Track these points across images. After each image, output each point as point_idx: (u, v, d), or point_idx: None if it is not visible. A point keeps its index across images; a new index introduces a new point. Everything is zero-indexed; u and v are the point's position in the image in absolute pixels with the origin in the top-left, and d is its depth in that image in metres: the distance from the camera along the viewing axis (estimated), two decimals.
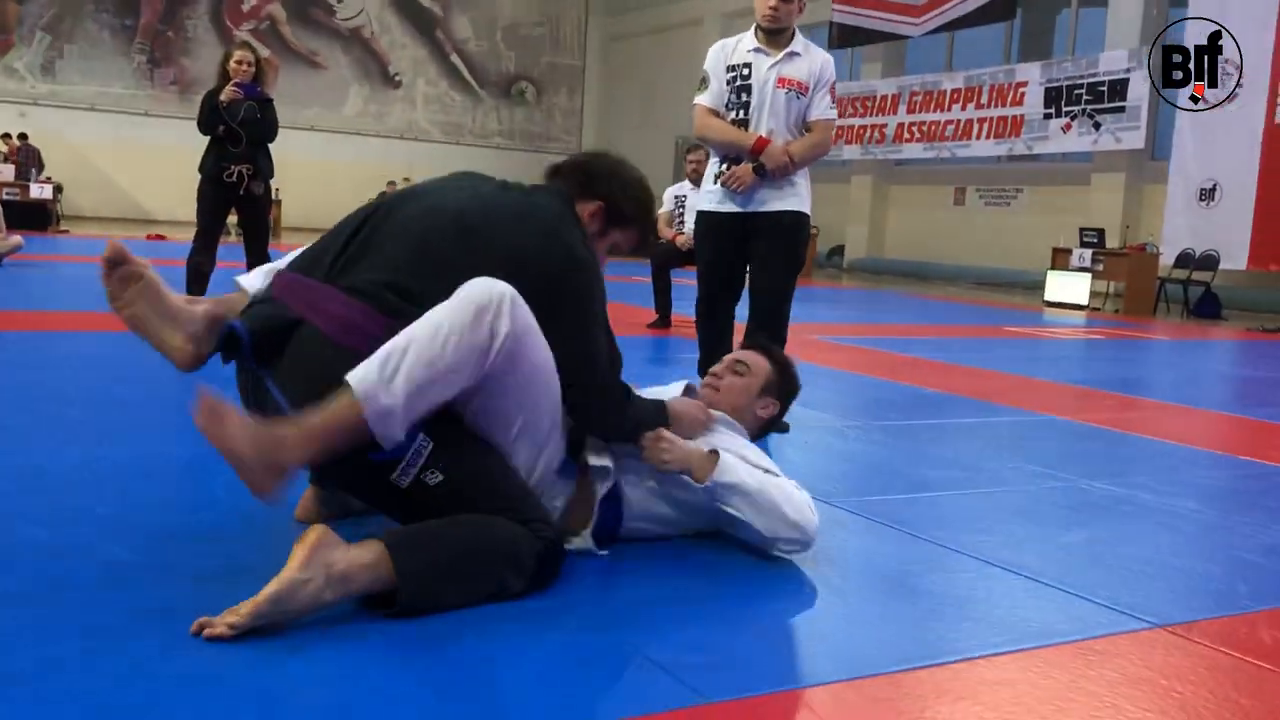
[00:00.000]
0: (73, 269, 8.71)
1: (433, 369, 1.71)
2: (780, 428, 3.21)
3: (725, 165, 3.72)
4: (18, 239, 8.40)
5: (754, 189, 3.66)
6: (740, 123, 3.69)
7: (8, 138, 15.83)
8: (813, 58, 3.73)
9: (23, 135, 15.90)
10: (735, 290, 3.87)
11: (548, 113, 23.52)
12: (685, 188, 7.57)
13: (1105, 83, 13.84)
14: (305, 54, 20.92)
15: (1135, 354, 7.89)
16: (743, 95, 3.68)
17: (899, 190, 17.79)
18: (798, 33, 3.77)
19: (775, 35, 3.70)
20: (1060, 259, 12.64)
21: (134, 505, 2.22)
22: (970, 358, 6.28)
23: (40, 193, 14.46)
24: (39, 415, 3.11)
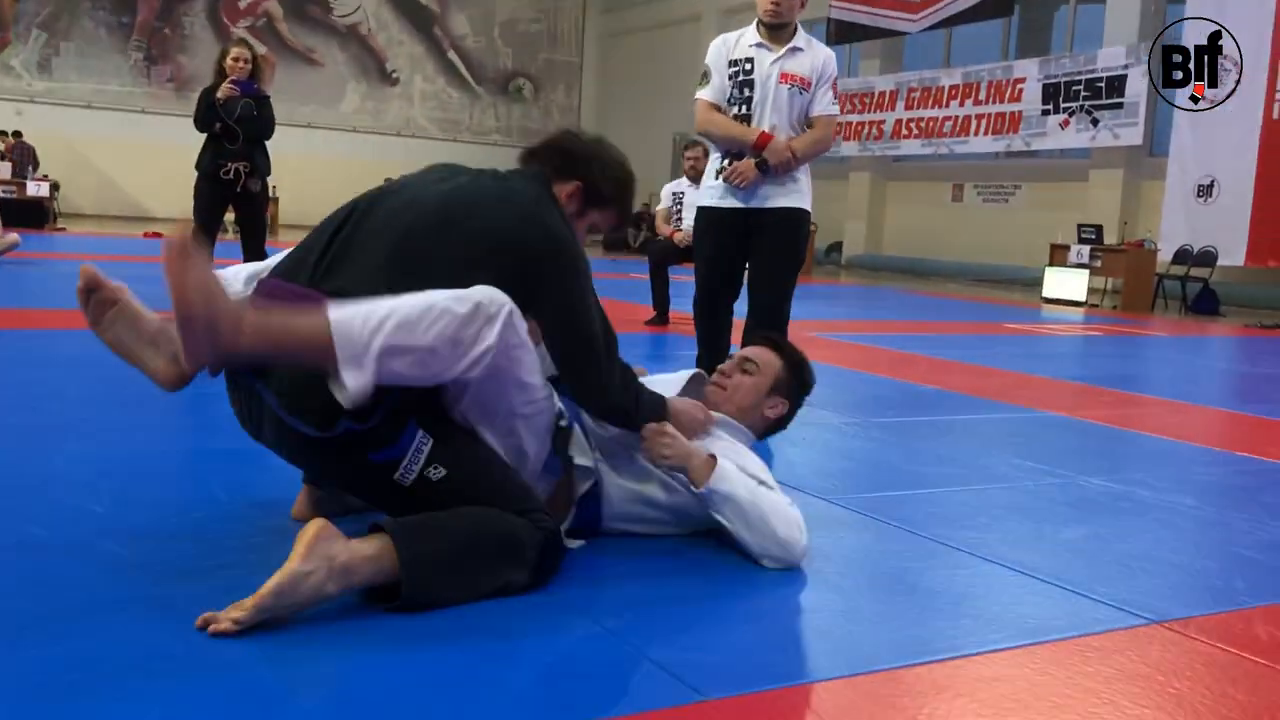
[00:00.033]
0: (70, 267, 8.63)
1: (409, 339, 1.68)
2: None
3: (727, 161, 3.71)
4: (15, 237, 8.39)
5: (756, 185, 3.65)
6: (743, 118, 3.68)
7: (3, 135, 15.79)
8: (815, 53, 3.73)
9: (17, 133, 15.85)
10: (735, 286, 3.87)
11: (545, 110, 23.50)
12: (683, 184, 7.56)
13: (1103, 79, 13.83)
14: (302, 51, 20.90)
15: (1133, 350, 7.90)
16: (745, 90, 3.68)
17: (897, 187, 17.79)
18: (800, 28, 3.76)
19: (777, 30, 3.69)
20: (1058, 255, 12.65)
21: (132, 504, 2.22)
22: (968, 354, 6.28)
23: (37, 190, 14.43)
24: (36, 414, 3.11)
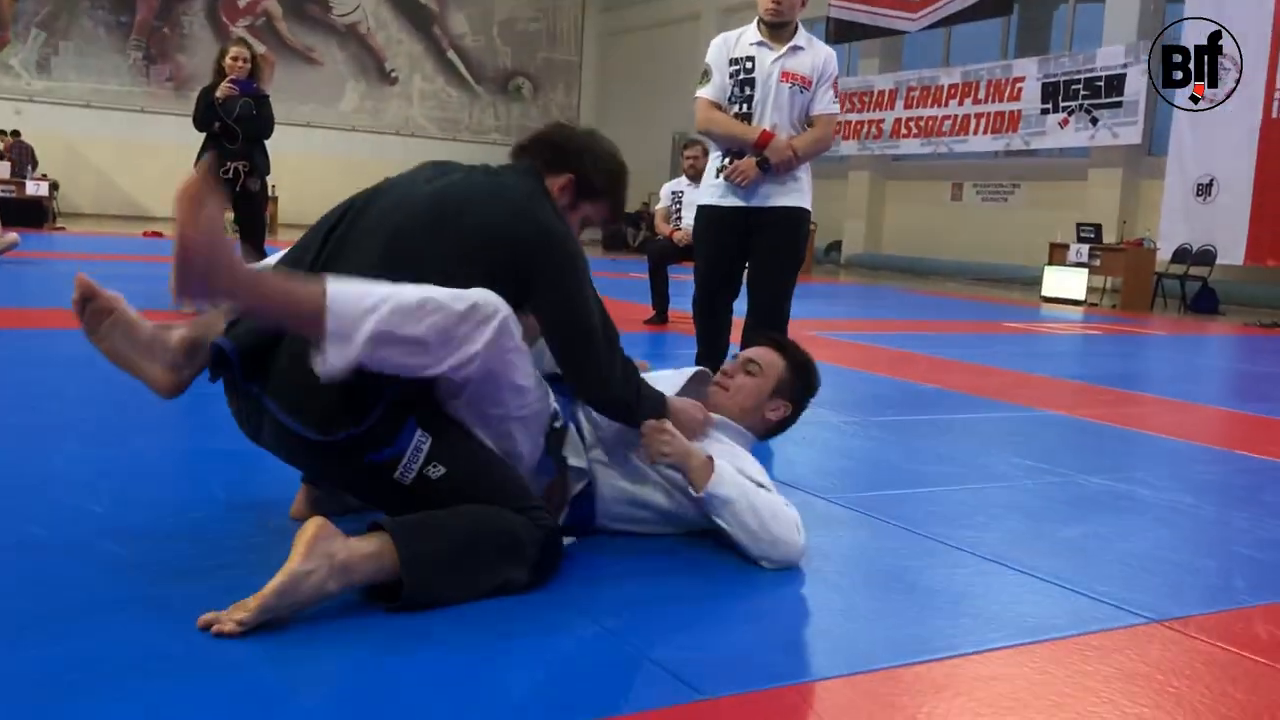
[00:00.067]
0: (69, 266, 8.66)
1: (401, 327, 1.68)
2: None
3: (728, 159, 3.70)
4: (14, 236, 8.37)
5: (757, 183, 3.65)
6: (743, 116, 3.68)
7: (1, 134, 15.76)
8: (816, 52, 3.72)
9: (15, 132, 15.81)
10: (735, 285, 3.86)
11: (544, 109, 23.47)
12: (682, 183, 7.56)
13: (1102, 78, 13.83)
14: (301, 50, 20.88)
15: (1132, 349, 7.90)
16: (746, 89, 3.67)
17: (896, 186, 17.79)
18: (800, 27, 3.76)
19: (778, 29, 3.69)
20: (1057, 254, 12.65)
21: (131, 504, 2.22)
22: (967, 353, 6.29)
23: (36, 190, 14.42)
24: (36, 413, 3.10)
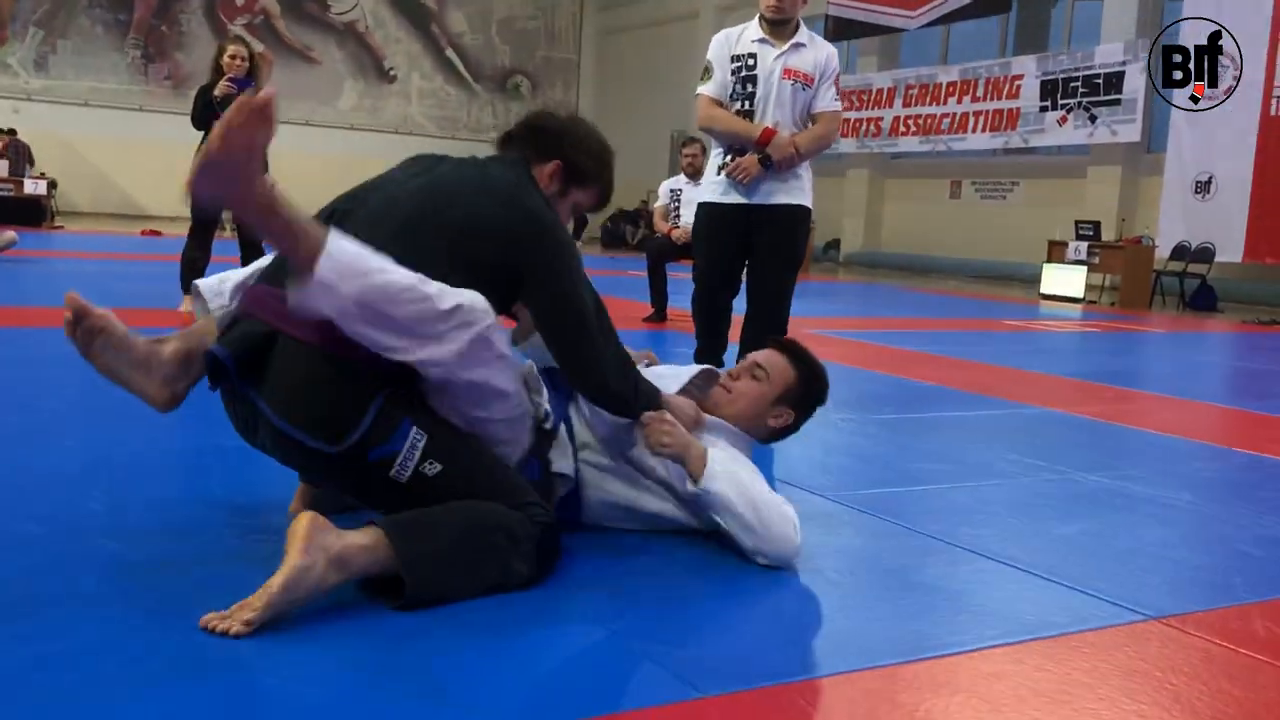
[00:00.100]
0: (67, 265, 8.68)
1: (382, 302, 1.68)
2: None
3: (729, 157, 3.70)
4: (12, 235, 8.37)
5: (758, 180, 3.64)
6: (745, 113, 3.67)
7: None
8: (818, 49, 3.72)
9: (11, 131, 15.76)
10: (735, 283, 3.86)
11: (542, 107, 23.41)
12: (681, 181, 7.56)
13: (1101, 75, 13.83)
14: (299, 49, 20.85)
15: (1131, 347, 7.90)
16: (748, 86, 3.66)
17: (895, 184, 17.79)
18: (802, 24, 3.76)
19: (780, 26, 3.68)
20: (1056, 252, 12.66)
21: (129, 502, 2.22)
22: (966, 351, 6.29)
23: (34, 189, 14.40)
24: (34, 411, 3.10)
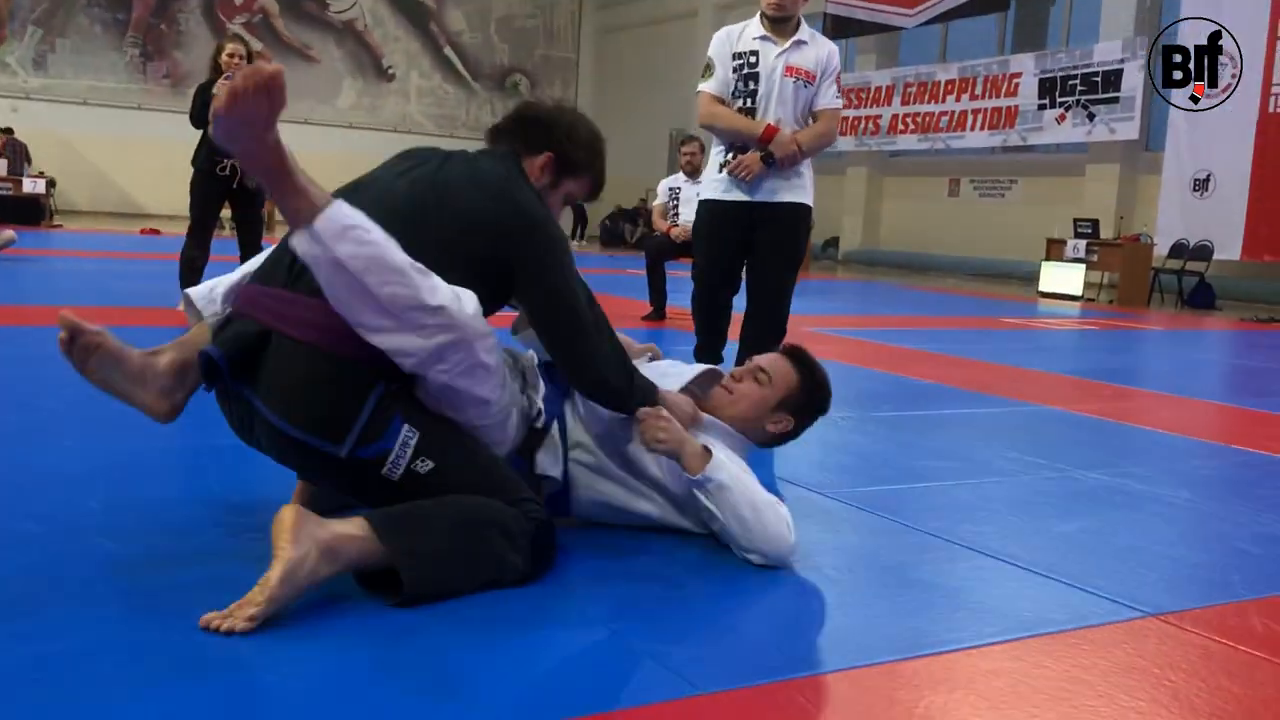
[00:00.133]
0: (66, 263, 8.67)
1: (364, 271, 1.68)
2: None
3: (730, 154, 3.69)
4: (10, 233, 8.36)
5: (761, 178, 3.64)
6: (747, 111, 3.67)
7: None
8: (819, 47, 3.72)
9: (8, 130, 15.73)
10: (736, 280, 3.85)
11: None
12: (679, 179, 7.56)
13: (1099, 73, 13.83)
14: (298, 47, 20.84)
15: (1129, 344, 7.90)
16: (750, 83, 3.66)
17: (894, 182, 17.79)
18: (803, 21, 3.76)
19: (781, 24, 3.68)
20: (1055, 250, 12.66)
21: (127, 501, 2.22)
22: (965, 349, 6.29)
23: (33, 187, 14.39)
24: (32, 410, 3.10)
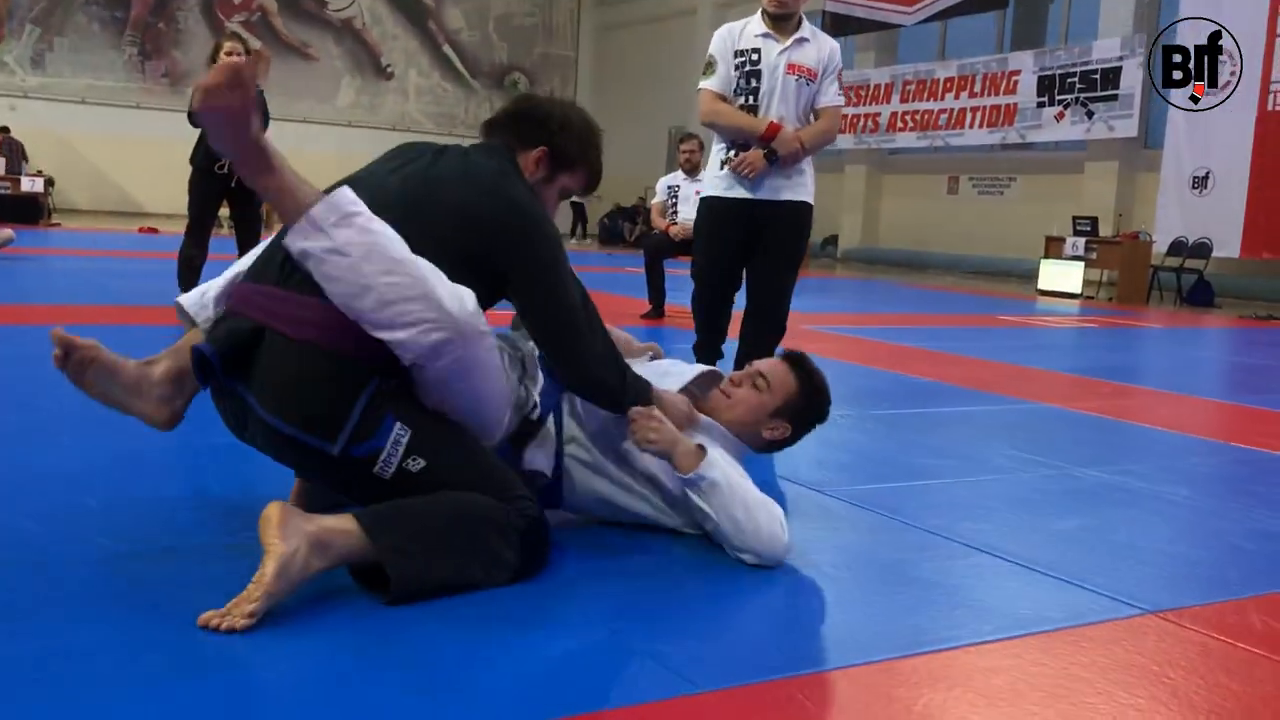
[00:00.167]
0: (64, 262, 8.66)
1: (364, 260, 1.70)
2: None
3: (732, 151, 3.69)
4: (9, 232, 8.36)
5: (763, 176, 3.64)
6: (749, 108, 3.66)
7: None
8: (821, 44, 3.71)
9: (4, 129, 15.69)
10: (737, 278, 3.84)
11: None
12: (678, 177, 7.56)
13: (1098, 71, 13.83)
14: (297, 46, 20.82)
15: (1128, 342, 7.91)
16: (752, 81, 3.65)
17: (893, 179, 17.78)
18: (804, 18, 3.75)
19: (783, 21, 3.67)
20: (1054, 247, 12.67)
21: (126, 500, 2.21)
22: (963, 347, 6.29)
23: (32, 186, 14.37)
24: (31, 409, 3.10)
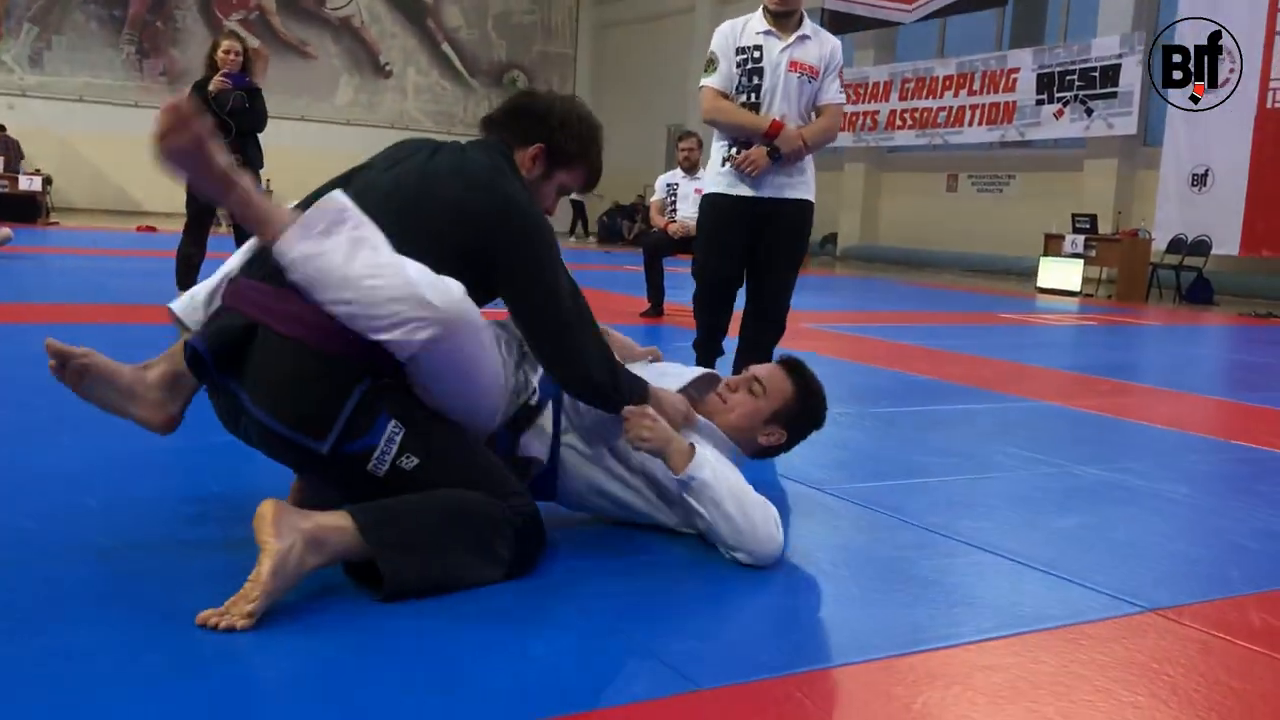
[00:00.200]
0: (62, 261, 8.65)
1: (346, 268, 1.71)
2: None
3: (735, 149, 3.69)
4: (6, 231, 8.36)
5: (766, 173, 3.64)
6: (751, 106, 3.65)
7: None
8: (822, 42, 3.71)
9: (0, 127, 15.68)
10: (740, 275, 3.83)
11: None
12: (677, 175, 7.55)
13: (1097, 68, 13.83)
14: (295, 44, 20.82)
15: (1127, 340, 7.91)
16: (754, 78, 3.64)
17: (892, 177, 17.78)
18: (805, 16, 3.75)
19: (785, 18, 3.67)
20: (1053, 245, 12.67)
21: (125, 499, 2.21)
22: (963, 344, 6.29)
23: (30, 185, 14.36)
24: (29, 408, 3.09)
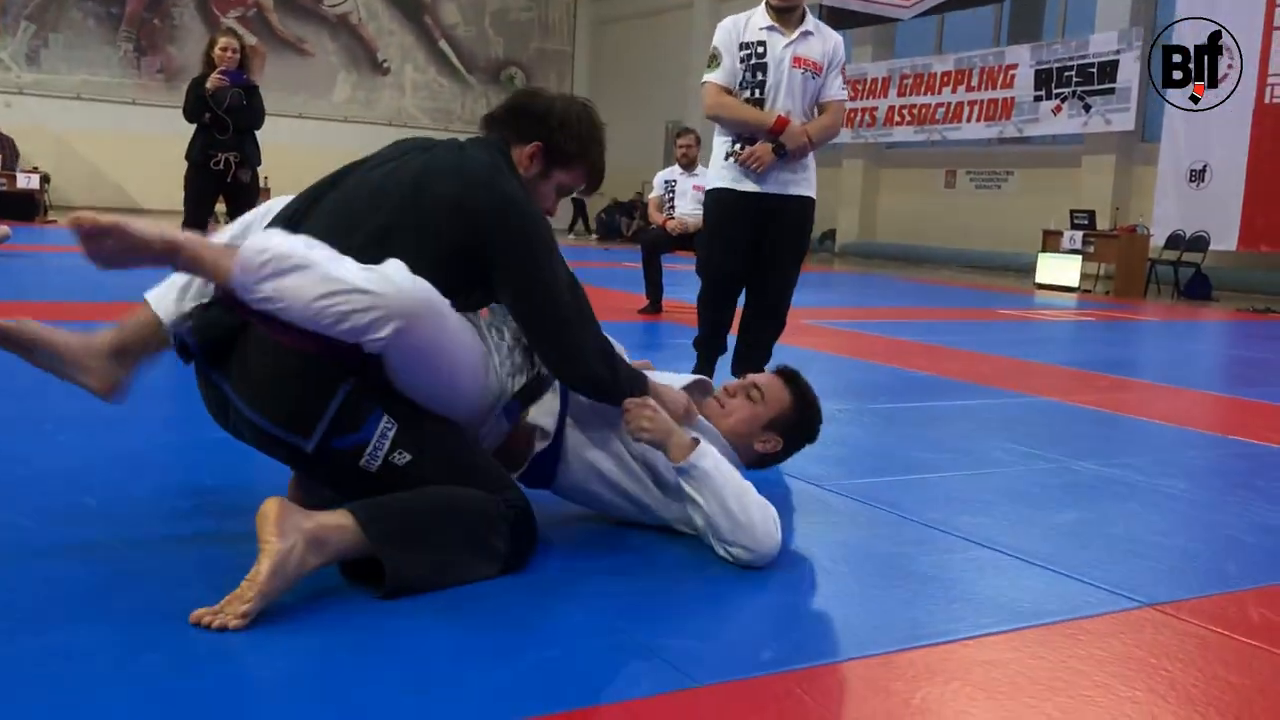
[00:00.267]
0: (60, 259, 8.65)
1: (299, 297, 1.68)
2: None
3: (738, 145, 3.68)
4: (4, 229, 8.35)
5: (770, 169, 3.63)
6: (755, 102, 3.65)
7: None
8: (825, 38, 3.71)
9: None
10: (746, 270, 3.83)
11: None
12: (675, 172, 7.54)
13: (1095, 65, 13.82)
14: (293, 41, 20.78)
15: (1126, 335, 7.91)
16: (757, 74, 3.64)
17: (890, 174, 17.77)
18: (808, 12, 3.75)
19: (787, 14, 3.66)
20: (1051, 241, 12.67)
21: (122, 495, 2.21)
22: (961, 341, 6.29)
23: (27, 183, 14.34)
24: (26, 407, 3.09)
